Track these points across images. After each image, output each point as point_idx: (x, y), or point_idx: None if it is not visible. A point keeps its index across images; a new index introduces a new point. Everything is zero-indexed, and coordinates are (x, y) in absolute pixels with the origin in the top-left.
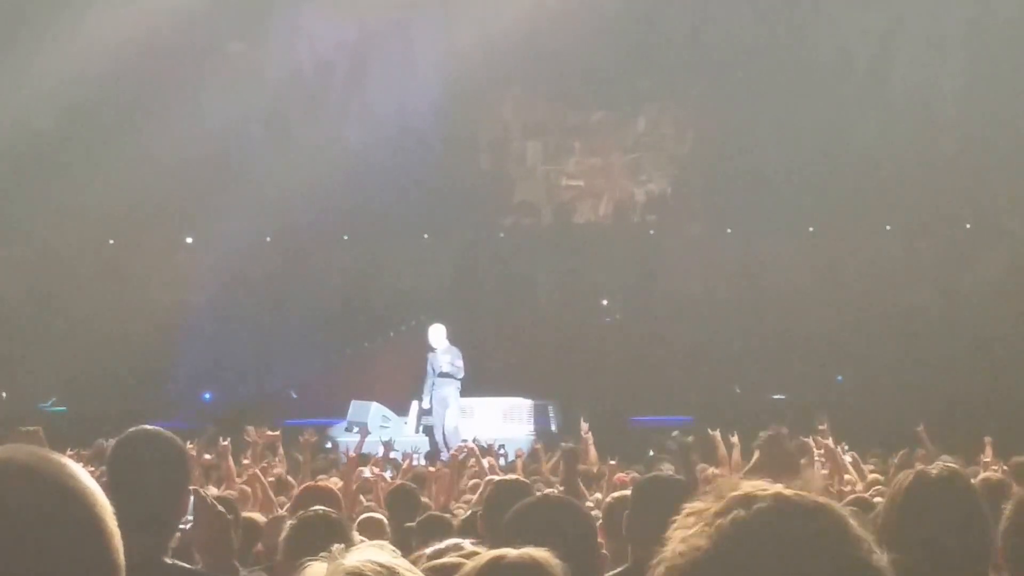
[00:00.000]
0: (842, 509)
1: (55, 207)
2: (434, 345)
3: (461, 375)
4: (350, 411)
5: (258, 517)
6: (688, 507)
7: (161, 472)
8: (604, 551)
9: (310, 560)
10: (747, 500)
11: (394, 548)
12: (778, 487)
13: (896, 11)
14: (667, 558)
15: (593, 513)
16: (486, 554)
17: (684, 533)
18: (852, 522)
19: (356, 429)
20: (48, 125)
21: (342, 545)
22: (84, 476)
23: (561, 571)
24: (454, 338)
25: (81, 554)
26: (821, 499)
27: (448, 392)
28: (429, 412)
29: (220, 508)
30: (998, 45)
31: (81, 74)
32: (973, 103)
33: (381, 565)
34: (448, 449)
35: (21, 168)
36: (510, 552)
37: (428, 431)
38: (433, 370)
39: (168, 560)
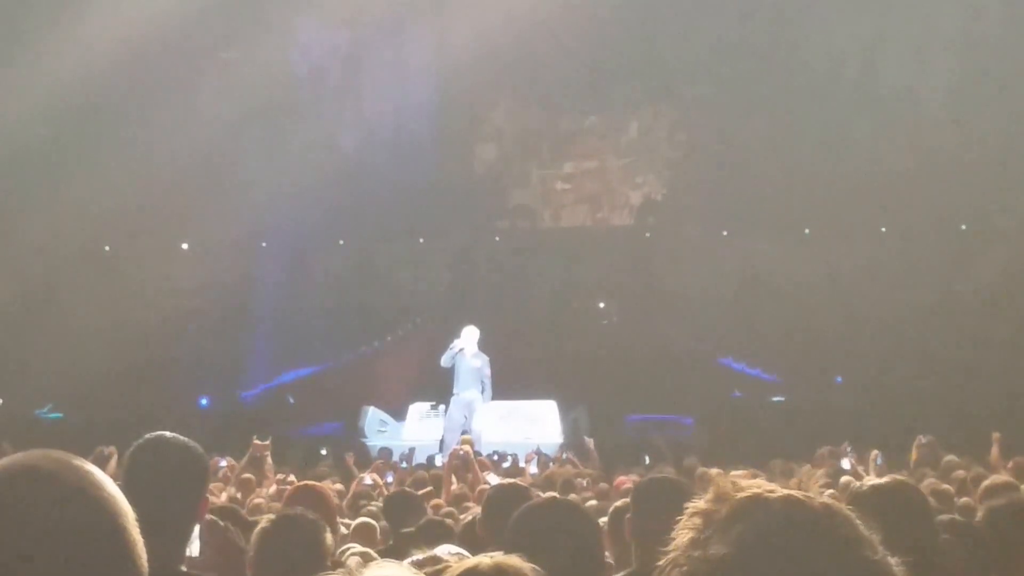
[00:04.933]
0: (847, 509)
1: (51, 213)
2: (466, 347)
3: (487, 382)
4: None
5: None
6: (692, 507)
7: (178, 479)
8: (608, 556)
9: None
10: (759, 504)
11: (393, 560)
12: (783, 490)
13: (888, 14)
14: (681, 562)
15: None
16: (461, 563)
17: (693, 536)
18: (859, 522)
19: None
20: (44, 131)
21: (354, 560)
22: (109, 485)
23: None
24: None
25: (105, 563)
26: (827, 500)
27: (474, 396)
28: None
29: (223, 525)
30: (990, 47)
31: (77, 81)
32: (967, 104)
33: None
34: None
35: (17, 174)
36: (483, 560)
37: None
38: (458, 369)
39: (184, 569)
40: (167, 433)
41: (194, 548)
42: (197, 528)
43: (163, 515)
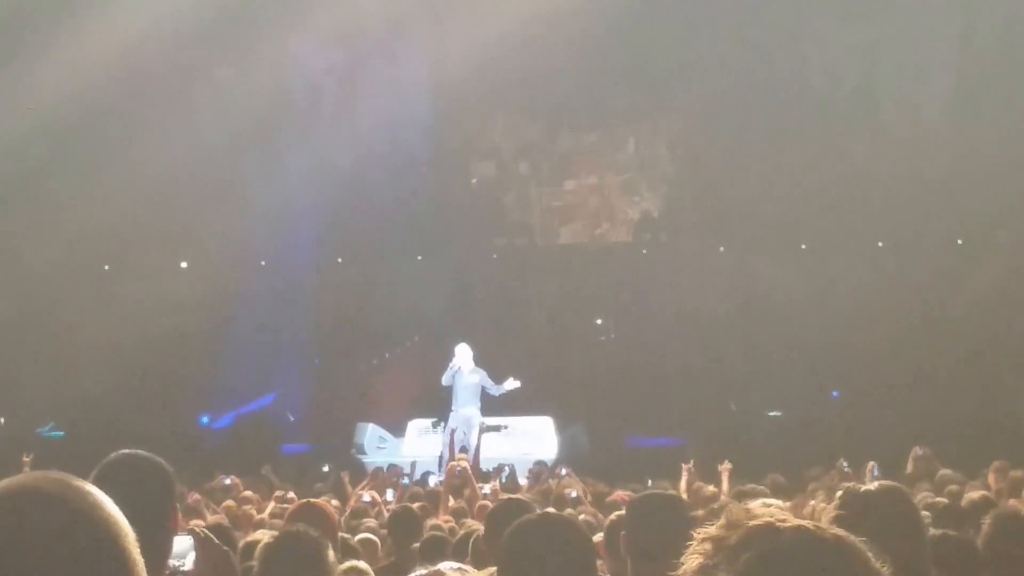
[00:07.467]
0: (858, 542)
1: (49, 232)
2: (462, 364)
3: (491, 387)
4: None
5: (259, 537)
6: (703, 532)
7: (144, 493)
8: (604, 569)
9: None
10: (769, 533)
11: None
12: (795, 520)
13: (884, 30)
14: None
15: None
16: None
17: (701, 561)
18: (870, 555)
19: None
20: (41, 150)
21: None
22: (110, 505)
23: None
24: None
25: None
26: (839, 532)
27: (473, 412)
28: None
29: (218, 543)
30: (986, 63)
31: (73, 99)
32: (962, 120)
33: None
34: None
35: (14, 193)
36: None
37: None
38: (456, 386)
39: None
40: (131, 450)
41: (188, 562)
42: (191, 542)
43: (136, 531)
